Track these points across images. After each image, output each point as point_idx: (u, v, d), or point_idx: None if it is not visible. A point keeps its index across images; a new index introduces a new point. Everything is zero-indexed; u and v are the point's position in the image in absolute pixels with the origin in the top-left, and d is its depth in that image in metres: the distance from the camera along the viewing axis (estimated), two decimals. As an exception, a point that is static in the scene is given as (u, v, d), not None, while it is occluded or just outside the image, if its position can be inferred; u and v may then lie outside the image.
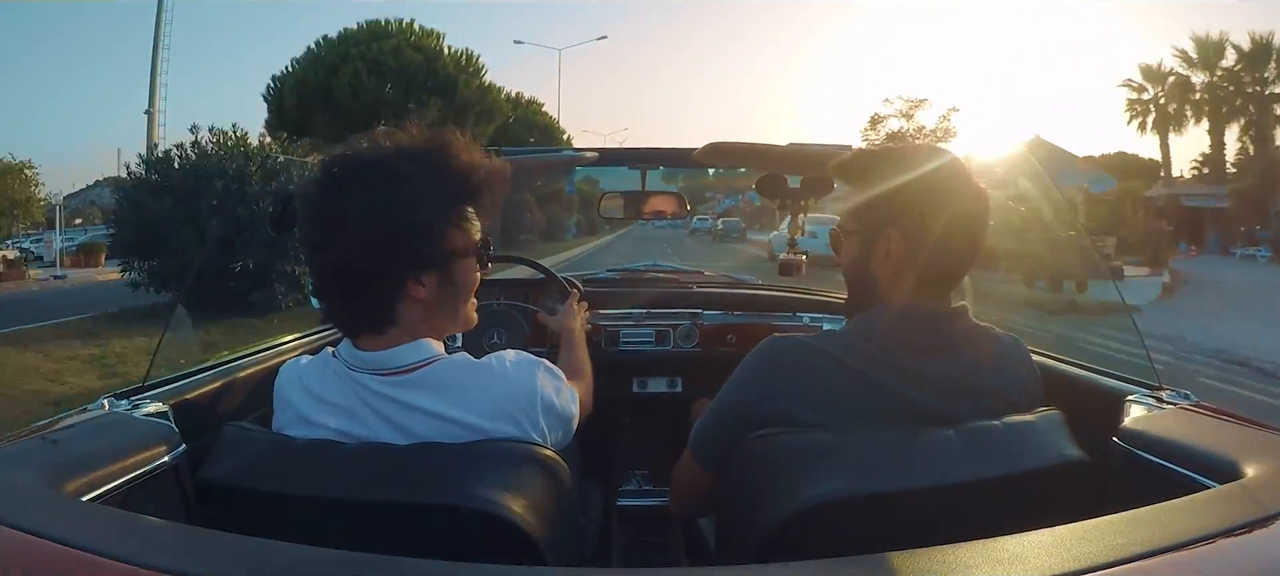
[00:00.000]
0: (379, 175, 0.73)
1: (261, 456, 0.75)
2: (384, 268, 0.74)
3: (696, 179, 26.68)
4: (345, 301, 0.76)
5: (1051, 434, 0.78)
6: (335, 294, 0.76)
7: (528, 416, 0.77)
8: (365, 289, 0.75)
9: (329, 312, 0.79)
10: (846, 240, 0.89)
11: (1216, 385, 5.30)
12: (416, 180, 0.74)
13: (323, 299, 0.78)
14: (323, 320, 0.85)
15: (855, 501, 0.69)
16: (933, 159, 0.85)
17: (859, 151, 0.94)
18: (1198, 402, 0.89)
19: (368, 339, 0.77)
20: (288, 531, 0.55)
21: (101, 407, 0.84)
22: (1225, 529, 0.50)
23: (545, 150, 2.04)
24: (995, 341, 0.85)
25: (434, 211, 0.75)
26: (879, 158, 0.89)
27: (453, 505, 0.66)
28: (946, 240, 0.81)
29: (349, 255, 0.72)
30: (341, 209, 0.72)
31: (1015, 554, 0.48)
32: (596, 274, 2.16)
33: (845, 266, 0.90)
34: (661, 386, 1.82)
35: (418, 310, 0.77)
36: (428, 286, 0.76)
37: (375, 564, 0.49)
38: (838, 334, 0.85)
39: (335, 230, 0.73)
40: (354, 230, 0.72)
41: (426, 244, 0.75)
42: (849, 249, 0.89)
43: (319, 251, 0.75)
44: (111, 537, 0.51)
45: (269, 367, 1.04)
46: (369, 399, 0.75)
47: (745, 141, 1.47)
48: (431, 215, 0.75)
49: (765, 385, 0.82)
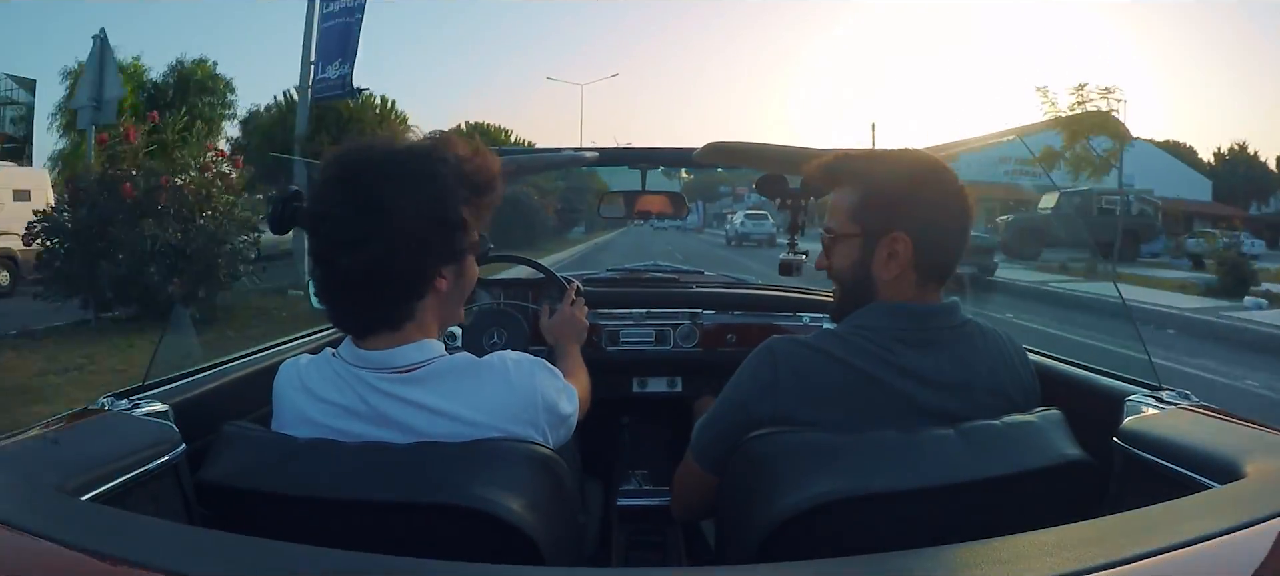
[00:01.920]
0: (416, 168, 0.74)
1: (261, 456, 0.75)
2: (424, 261, 0.75)
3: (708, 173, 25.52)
4: (374, 297, 0.75)
5: (1051, 433, 0.78)
6: (364, 291, 0.75)
7: (530, 416, 0.78)
8: (398, 284, 0.75)
9: (343, 312, 0.77)
10: (842, 243, 0.88)
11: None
12: (445, 175, 0.76)
13: (341, 297, 0.76)
14: (333, 320, 0.82)
15: (855, 501, 0.69)
16: (922, 159, 0.87)
17: (843, 154, 0.93)
18: (1198, 403, 0.89)
19: (378, 338, 0.77)
20: (288, 531, 0.55)
21: (101, 408, 0.84)
22: (1225, 529, 0.50)
23: (545, 150, 2.04)
24: (987, 336, 0.87)
25: (462, 206, 0.77)
26: (870, 160, 0.90)
27: (453, 505, 0.66)
28: (944, 237, 0.84)
29: (393, 250, 0.72)
30: (387, 203, 0.72)
31: (1015, 554, 0.48)
32: (596, 274, 2.16)
33: (839, 269, 0.90)
34: (661, 386, 1.82)
35: (433, 305, 0.79)
36: (448, 279, 0.78)
37: (375, 564, 0.49)
38: (835, 332, 0.86)
39: (377, 224, 0.72)
40: (400, 223, 0.72)
41: (457, 237, 0.77)
42: (846, 252, 0.88)
43: (354, 248, 0.72)
44: (111, 537, 0.51)
45: (269, 367, 1.04)
46: (371, 397, 0.75)
47: (745, 141, 1.47)
48: (461, 209, 0.77)
49: (766, 385, 0.82)
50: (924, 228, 0.83)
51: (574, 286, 1.40)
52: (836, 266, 0.90)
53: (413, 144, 0.78)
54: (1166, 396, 0.90)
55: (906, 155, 0.88)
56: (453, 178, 0.76)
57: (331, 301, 0.77)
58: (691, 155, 1.62)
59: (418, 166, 0.75)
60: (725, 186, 42.71)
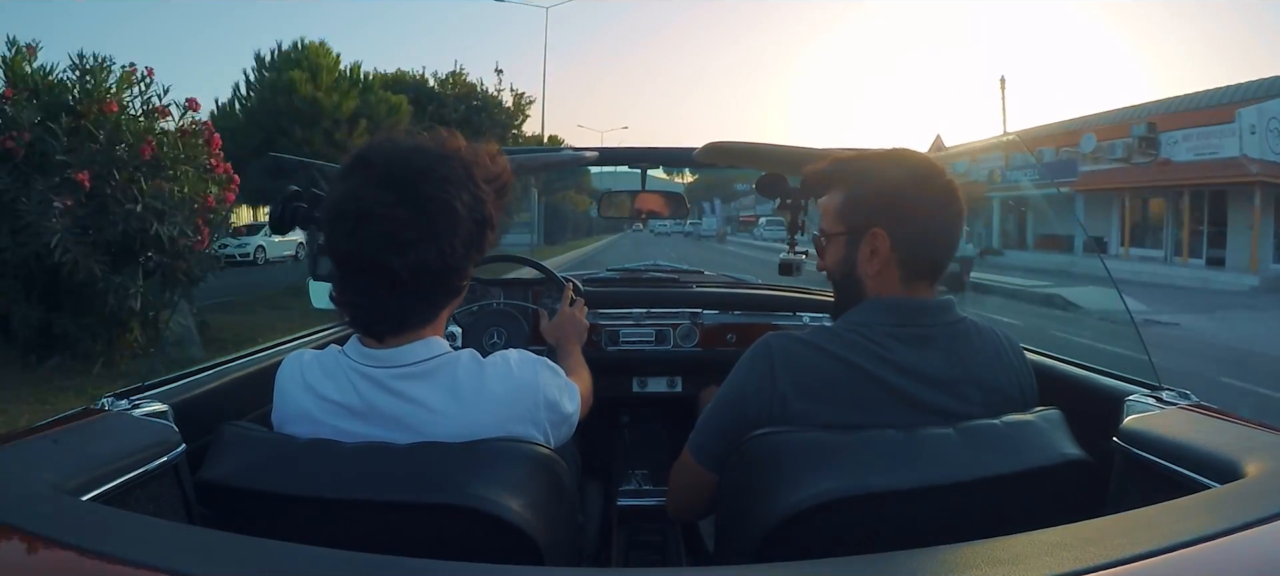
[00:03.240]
0: (461, 169, 0.75)
1: (261, 456, 0.75)
2: (466, 261, 0.76)
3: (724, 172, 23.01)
4: (417, 299, 0.75)
5: (1051, 433, 0.78)
6: (409, 293, 0.73)
7: (532, 415, 0.78)
8: (442, 285, 0.76)
9: (377, 315, 0.75)
10: (831, 243, 0.92)
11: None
12: (478, 176, 0.76)
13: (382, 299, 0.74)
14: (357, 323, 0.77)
15: (854, 500, 0.69)
16: (906, 158, 0.89)
17: (832, 157, 0.96)
18: (1198, 402, 0.89)
19: (399, 338, 0.76)
20: (288, 531, 0.55)
21: (102, 408, 0.84)
22: (1225, 529, 0.50)
23: (545, 150, 2.04)
24: (984, 333, 0.87)
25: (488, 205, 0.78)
26: (854, 162, 0.92)
27: (453, 505, 0.66)
28: (926, 233, 0.85)
29: (448, 248, 0.73)
30: (450, 202, 0.72)
31: (1015, 554, 0.48)
32: (596, 274, 2.16)
33: (831, 268, 0.93)
34: (661, 386, 1.83)
35: (453, 304, 0.80)
36: (468, 277, 0.79)
37: (375, 564, 0.49)
38: (832, 329, 0.86)
39: (434, 225, 0.72)
40: (461, 222, 0.73)
41: (487, 237, 0.78)
42: (834, 251, 0.91)
43: (407, 249, 0.71)
44: (111, 537, 0.51)
45: (269, 367, 1.04)
46: (374, 395, 0.75)
47: (745, 141, 1.47)
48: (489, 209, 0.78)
49: (763, 381, 0.82)
50: (902, 223, 0.84)
51: (571, 285, 1.40)
52: (828, 266, 0.93)
53: (446, 143, 0.78)
54: (1166, 396, 0.90)
55: (891, 154, 0.90)
56: (482, 178, 0.77)
57: (364, 303, 0.75)
58: (691, 155, 1.62)
59: (462, 167, 0.75)
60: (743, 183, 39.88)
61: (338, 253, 0.74)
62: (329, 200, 0.75)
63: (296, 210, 1.08)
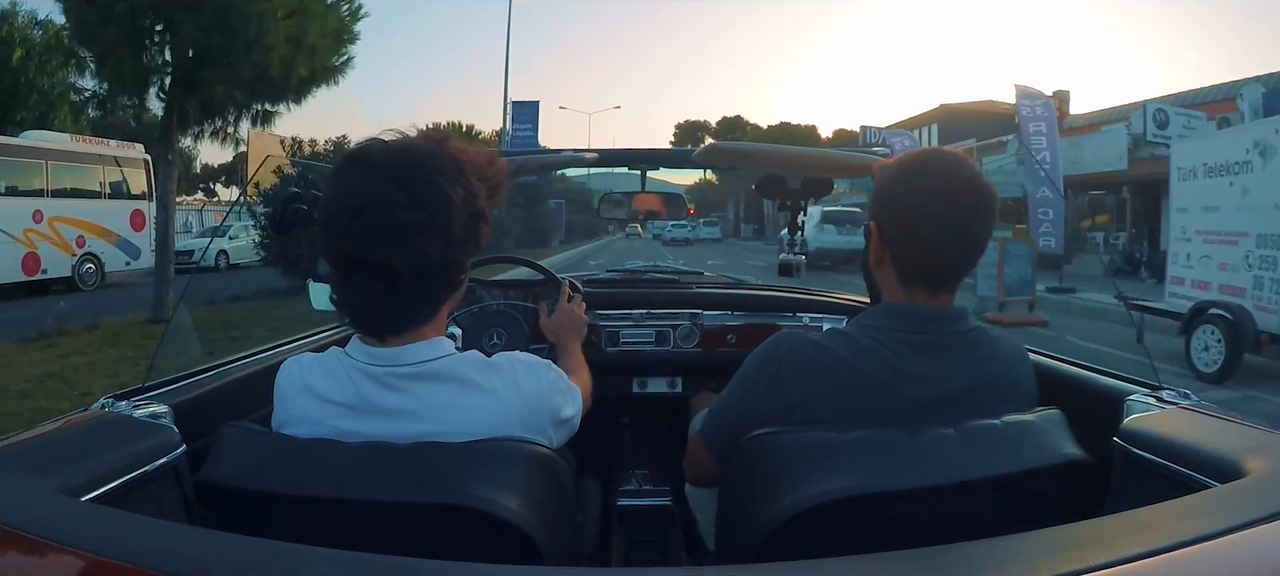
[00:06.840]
0: (454, 164, 0.75)
1: (261, 456, 0.75)
2: (464, 255, 0.77)
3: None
4: (419, 294, 0.75)
5: (1051, 433, 0.78)
6: (410, 289, 0.74)
7: (535, 416, 0.78)
8: (442, 279, 0.76)
9: (377, 315, 0.75)
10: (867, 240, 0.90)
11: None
12: (470, 171, 0.77)
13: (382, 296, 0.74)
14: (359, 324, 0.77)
15: (855, 500, 0.69)
16: (915, 158, 0.85)
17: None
18: (1198, 403, 0.89)
19: (401, 337, 0.76)
20: (288, 531, 0.55)
21: (102, 408, 0.84)
22: (1225, 529, 0.50)
23: (545, 151, 2.04)
24: (996, 343, 0.85)
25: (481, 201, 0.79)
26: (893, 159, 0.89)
27: (453, 505, 0.66)
28: (924, 233, 0.80)
29: (448, 241, 0.73)
30: (446, 193, 0.72)
31: (1015, 554, 0.48)
32: (597, 274, 2.16)
33: (863, 265, 0.92)
34: (661, 386, 1.82)
35: (453, 301, 0.80)
36: (466, 272, 0.79)
37: (375, 564, 0.49)
38: (843, 331, 0.86)
39: (431, 215, 0.72)
40: (456, 212, 0.73)
41: (481, 232, 0.78)
42: (867, 246, 0.89)
43: (405, 242, 0.71)
44: (111, 537, 0.51)
45: (269, 368, 1.04)
46: (377, 395, 0.75)
47: (745, 142, 1.47)
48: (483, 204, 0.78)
49: (772, 380, 0.82)
50: (892, 219, 0.83)
51: (568, 282, 1.40)
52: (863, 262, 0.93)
53: (438, 138, 0.78)
54: (1167, 396, 0.90)
55: (914, 153, 0.88)
56: (474, 175, 0.77)
57: (365, 303, 0.75)
58: (691, 155, 1.62)
59: (453, 162, 0.75)
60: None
61: (335, 252, 0.73)
62: (326, 198, 0.75)
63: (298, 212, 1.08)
